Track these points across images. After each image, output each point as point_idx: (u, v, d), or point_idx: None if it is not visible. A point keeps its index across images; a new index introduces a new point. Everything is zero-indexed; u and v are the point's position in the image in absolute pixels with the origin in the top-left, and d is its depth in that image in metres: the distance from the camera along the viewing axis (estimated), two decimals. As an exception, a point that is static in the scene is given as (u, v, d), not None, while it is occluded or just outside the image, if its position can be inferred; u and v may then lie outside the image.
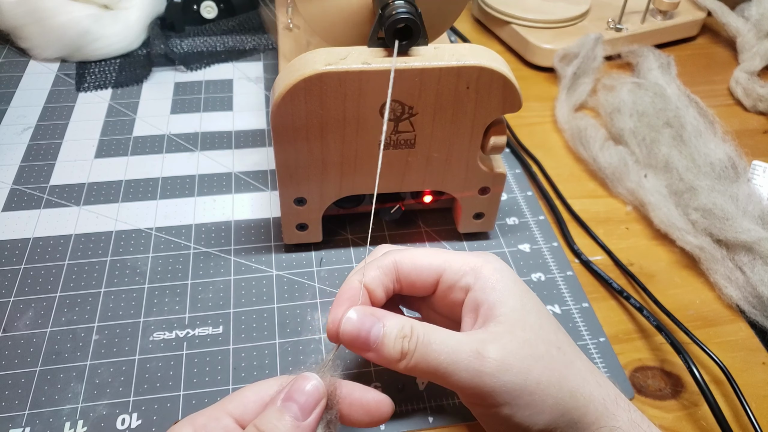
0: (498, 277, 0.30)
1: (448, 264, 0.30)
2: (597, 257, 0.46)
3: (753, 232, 0.43)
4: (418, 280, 0.31)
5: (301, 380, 0.27)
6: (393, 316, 0.28)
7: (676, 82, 0.57)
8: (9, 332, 0.39)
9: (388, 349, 0.28)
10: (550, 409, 0.27)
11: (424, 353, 0.27)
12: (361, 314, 0.28)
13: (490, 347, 0.27)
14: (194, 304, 0.41)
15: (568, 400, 0.27)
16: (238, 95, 0.59)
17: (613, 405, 0.28)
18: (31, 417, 0.35)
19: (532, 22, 0.65)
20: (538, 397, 0.27)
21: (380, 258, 0.31)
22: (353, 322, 0.28)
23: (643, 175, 0.49)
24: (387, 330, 0.28)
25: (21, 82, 0.59)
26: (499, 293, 0.29)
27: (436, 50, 0.35)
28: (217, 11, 0.65)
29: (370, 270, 0.30)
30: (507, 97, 0.36)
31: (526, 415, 0.27)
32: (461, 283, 0.30)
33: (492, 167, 0.41)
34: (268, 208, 0.48)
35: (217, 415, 0.27)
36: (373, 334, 0.28)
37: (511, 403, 0.27)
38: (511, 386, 0.27)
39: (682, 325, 0.40)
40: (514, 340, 0.28)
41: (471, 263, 0.30)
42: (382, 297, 0.31)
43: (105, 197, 0.48)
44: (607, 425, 0.28)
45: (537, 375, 0.27)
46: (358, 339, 0.28)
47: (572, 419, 0.28)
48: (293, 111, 0.35)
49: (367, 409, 0.29)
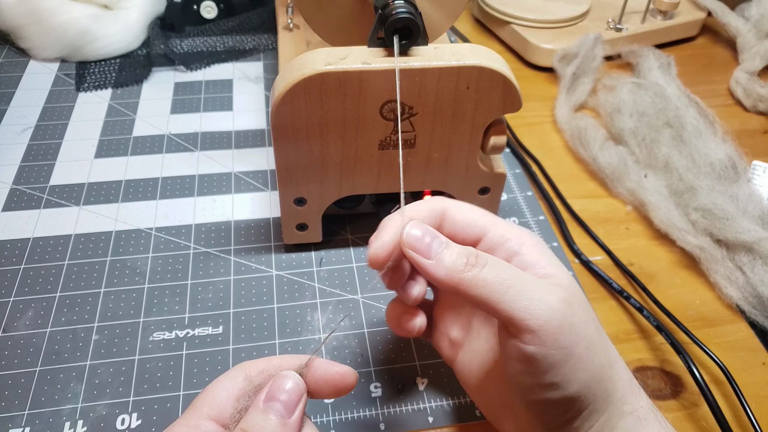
0: (543, 248, 0.30)
1: (493, 225, 0.30)
2: (597, 257, 0.46)
3: (753, 232, 0.43)
4: (461, 232, 0.30)
5: (281, 379, 0.27)
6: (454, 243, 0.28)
7: (676, 82, 0.57)
8: (9, 332, 0.39)
9: (452, 257, 0.27)
10: (595, 370, 0.27)
11: (497, 271, 0.26)
12: (424, 228, 0.28)
13: (560, 290, 0.27)
14: (194, 304, 0.41)
15: (607, 369, 0.27)
16: (238, 95, 0.59)
17: (637, 387, 0.29)
18: (31, 417, 0.35)
19: (532, 22, 0.65)
20: (589, 353, 0.27)
21: (431, 200, 0.31)
22: (416, 232, 0.28)
23: (643, 175, 0.49)
24: (449, 245, 0.27)
25: (21, 82, 0.59)
26: (548, 258, 0.29)
27: (436, 50, 0.35)
28: (217, 11, 0.65)
29: (420, 208, 0.30)
30: (507, 97, 0.36)
31: (574, 368, 0.26)
32: (505, 246, 0.30)
33: (492, 167, 0.41)
34: (268, 208, 0.48)
35: (196, 423, 0.27)
36: (435, 244, 0.27)
37: (567, 349, 0.26)
38: (575, 331, 0.26)
39: (682, 325, 0.40)
40: (576, 293, 0.28)
41: (515, 231, 0.30)
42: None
43: (105, 197, 0.48)
44: (631, 403, 0.28)
45: (592, 333, 0.27)
46: (421, 242, 0.27)
47: (606, 389, 0.27)
48: (293, 111, 0.35)
49: (332, 383, 0.29)
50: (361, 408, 0.36)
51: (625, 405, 0.28)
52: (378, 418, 0.35)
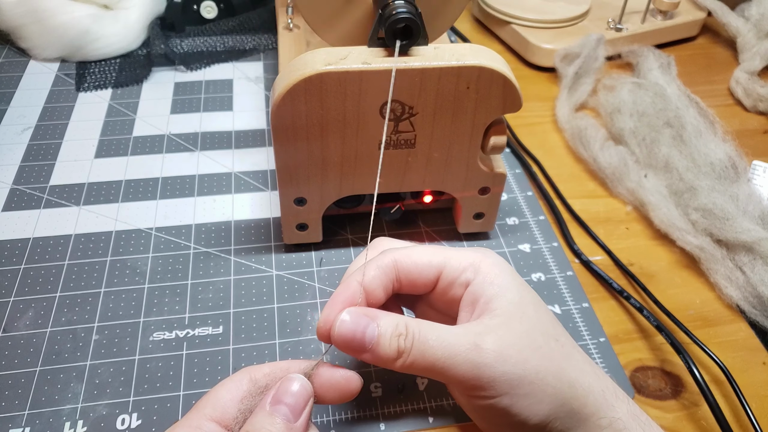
0: (497, 272, 0.30)
1: (447, 261, 0.30)
2: (597, 257, 0.46)
3: (753, 232, 0.42)
4: (418, 278, 0.31)
5: (287, 382, 0.27)
6: (387, 315, 0.28)
7: (677, 82, 0.57)
8: (9, 332, 0.39)
9: (384, 348, 0.28)
10: (550, 398, 0.27)
11: (422, 350, 0.27)
12: (354, 315, 0.28)
13: (487, 338, 0.27)
14: (194, 304, 0.41)
15: (567, 390, 0.28)
16: (238, 95, 0.59)
17: (612, 397, 0.28)
18: (31, 417, 0.35)
19: (532, 22, 0.65)
20: (537, 386, 0.27)
21: (379, 257, 0.31)
22: (347, 324, 0.28)
23: (643, 175, 0.49)
24: (382, 330, 0.28)
25: (21, 82, 0.59)
26: (497, 287, 0.29)
27: (436, 50, 0.35)
28: (217, 11, 0.65)
29: (369, 270, 0.30)
30: (507, 97, 0.36)
31: (526, 405, 0.27)
32: (461, 279, 0.30)
33: (492, 167, 0.41)
34: (268, 208, 0.48)
35: (198, 423, 0.27)
36: (368, 335, 0.28)
37: (510, 393, 0.27)
38: (510, 376, 0.27)
39: (682, 325, 0.40)
40: (510, 331, 0.28)
41: (470, 258, 0.30)
42: (381, 297, 0.30)
43: (105, 197, 0.48)
44: (606, 416, 0.28)
45: (535, 365, 0.27)
46: (353, 341, 0.28)
47: (572, 409, 0.28)
48: (293, 111, 0.35)
49: (337, 387, 0.29)
50: (361, 408, 0.36)
51: (601, 419, 0.28)
52: (378, 418, 0.35)
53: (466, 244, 0.46)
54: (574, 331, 0.40)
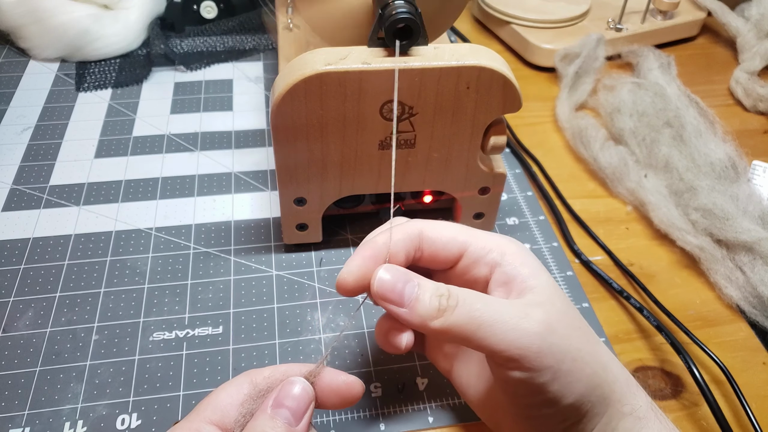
0: (525, 255, 0.30)
1: (474, 239, 0.30)
2: (597, 257, 0.46)
3: (753, 232, 0.42)
4: (441, 251, 0.30)
5: (288, 385, 0.27)
6: (425, 278, 0.28)
7: (677, 82, 0.57)
8: (9, 332, 0.39)
9: (425, 304, 0.27)
10: (587, 379, 0.27)
11: (467, 311, 0.26)
12: (393, 272, 0.27)
13: (536, 310, 0.27)
14: (194, 304, 0.41)
15: (601, 374, 0.27)
16: (238, 95, 0.59)
17: (635, 386, 0.29)
18: (31, 417, 0.35)
19: (532, 22, 0.65)
20: (578, 365, 0.27)
21: (406, 224, 0.30)
22: (386, 280, 0.27)
23: (643, 175, 0.49)
24: (422, 288, 0.27)
25: (21, 82, 0.59)
26: (530, 268, 0.29)
27: (436, 50, 0.35)
28: (217, 11, 0.65)
29: (395, 233, 0.29)
30: (507, 97, 0.36)
31: (565, 382, 0.26)
32: (486, 258, 0.30)
33: (492, 167, 0.41)
34: (268, 208, 0.48)
35: (198, 426, 0.26)
36: (408, 291, 0.27)
37: (554, 367, 0.26)
38: (557, 349, 0.26)
39: (682, 325, 0.40)
40: (555, 308, 0.28)
41: (496, 241, 0.30)
42: (402, 261, 0.30)
43: (105, 197, 0.48)
44: (629, 403, 0.28)
45: (578, 343, 0.27)
46: (393, 292, 0.27)
47: (602, 394, 0.27)
48: (293, 111, 0.35)
49: (338, 393, 0.29)
50: (361, 408, 0.36)
51: (624, 406, 0.28)
52: (378, 418, 0.35)
53: (466, 244, 0.46)
54: (574, 331, 0.40)
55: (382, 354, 0.39)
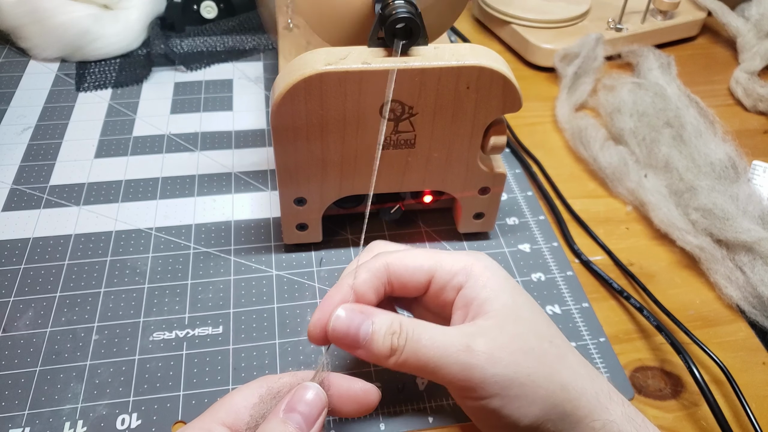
0: (489, 275, 0.30)
1: (439, 265, 0.30)
2: (597, 257, 0.46)
3: (753, 232, 0.42)
4: (410, 281, 0.31)
5: (302, 390, 0.27)
6: (382, 313, 0.29)
7: (677, 82, 0.57)
8: (9, 332, 0.39)
9: (378, 345, 0.28)
10: (541, 401, 0.27)
11: (414, 348, 0.27)
12: (350, 311, 0.28)
13: (479, 340, 0.27)
14: (194, 304, 0.41)
15: (559, 393, 0.28)
16: (238, 95, 0.59)
17: (606, 399, 0.28)
18: (31, 417, 0.35)
19: (532, 22, 0.65)
20: (529, 389, 0.27)
21: (371, 261, 0.31)
22: (342, 320, 0.28)
23: (643, 175, 0.49)
24: (376, 327, 0.28)
25: (21, 82, 0.59)
26: (489, 290, 0.29)
27: (436, 50, 0.35)
28: (217, 11, 0.65)
29: (361, 273, 0.30)
30: (507, 97, 0.36)
31: (516, 407, 0.27)
32: (453, 282, 0.30)
33: (492, 167, 0.41)
34: (268, 208, 0.48)
35: (210, 427, 0.27)
36: (363, 331, 0.28)
37: (501, 395, 0.27)
38: (501, 378, 0.27)
39: (682, 325, 0.40)
40: (503, 333, 0.28)
41: (462, 262, 0.30)
42: (372, 300, 0.31)
43: (105, 197, 0.48)
44: (600, 418, 0.28)
45: (527, 367, 0.27)
46: (347, 336, 0.28)
47: (564, 412, 0.28)
48: (293, 111, 0.35)
49: (355, 399, 0.29)
50: (361, 408, 0.36)
51: (595, 421, 0.28)
52: (378, 418, 0.35)
53: (466, 245, 0.46)
54: (574, 331, 0.40)
55: (382, 354, 0.39)
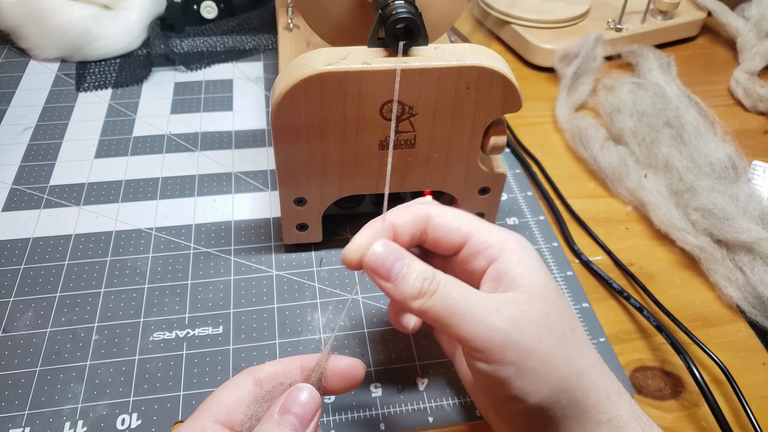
0: (525, 254, 0.30)
1: (477, 231, 0.30)
2: (597, 257, 0.46)
3: (753, 233, 0.43)
4: (444, 238, 0.31)
5: (296, 391, 0.27)
6: (416, 259, 0.29)
7: (676, 82, 0.57)
8: (9, 332, 0.39)
9: (409, 284, 0.28)
10: (554, 381, 0.27)
11: (443, 297, 0.27)
12: (387, 248, 0.28)
13: (508, 307, 0.27)
14: (194, 304, 0.41)
15: (573, 379, 0.27)
16: (238, 95, 0.59)
17: (615, 395, 0.29)
18: (31, 417, 0.35)
19: (532, 22, 0.65)
20: (546, 366, 0.27)
21: (416, 206, 0.31)
22: (379, 253, 0.28)
23: (643, 175, 0.49)
24: (410, 267, 0.28)
25: (21, 82, 0.59)
26: (523, 267, 0.29)
27: (436, 50, 0.35)
28: (217, 11, 0.65)
29: (404, 214, 0.31)
30: (507, 97, 0.36)
31: (529, 381, 0.27)
32: (486, 252, 0.30)
33: (492, 167, 0.41)
34: (268, 208, 0.48)
35: (202, 425, 0.27)
36: (396, 268, 0.28)
37: (517, 364, 0.27)
38: (522, 347, 0.27)
39: (682, 325, 0.40)
40: (532, 309, 0.28)
41: (499, 236, 0.30)
42: (407, 242, 0.31)
43: (105, 197, 0.48)
44: (608, 411, 0.28)
45: (549, 345, 0.27)
46: (382, 267, 0.28)
47: (574, 398, 0.28)
48: (293, 111, 0.35)
49: (342, 375, 0.29)
50: (361, 408, 0.36)
51: (601, 414, 0.28)
52: (378, 418, 0.35)
53: (466, 244, 0.46)
54: (574, 331, 0.40)
55: (382, 354, 0.39)
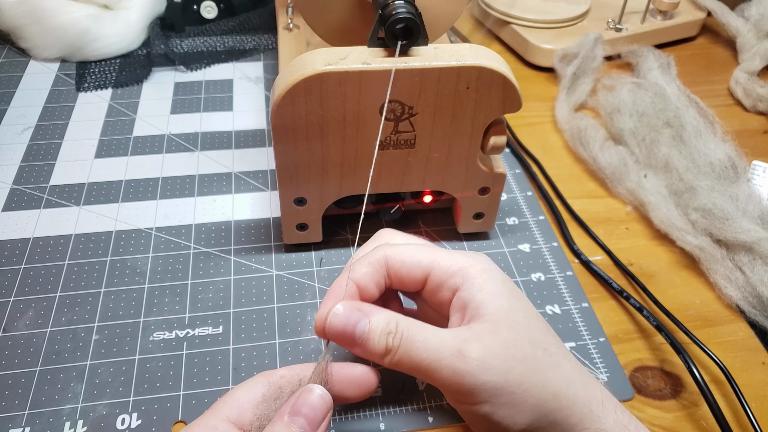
0: (486, 278, 0.30)
1: (436, 263, 0.30)
2: (597, 257, 0.46)
3: (753, 232, 0.43)
4: (406, 277, 0.31)
5: (307, 392, 0.27)
6: (379, 311, 0.29)
7: (676, 82, 0.57)
8: (9, 332, 0.39)
9: (373, 344, 0.28)
10: (531, 409, 0.27)
11: (408, 350, 0.28)
12: (348, 309, 0.29)
13: (472, 346, 0.27)
14: (194, 304, 0.41)
15: (551, 402, 0.28)
16: (238, 95, 0.59)
17: (598, 408, 0.28)
18: (31, 417, 0.35)
19: (532, 22, 0.65)
20: (519, 396, 0.27)
21: (371, 253, 0.31)
22: (339, 317, 0.28)
23: (643, 175, 0.49)
24: (372, 326, 0.28)
25: (21, 82, 0.59)
26: (485, 293, 0.29)
27: (436, 50, 0.35)
28: (217, 11, 0.65)
29: (361, 266, 0.30)
30: (507, 97, 0.36)
31: (506, 414, 0.27)
32: (449, 283, 0.30)
33: (492, 167, 0.41)
34: (268, 208, 0.48)
35: (214, 423, 0.27)
36: (359, 329, 0.28)
37: (491, 401, 0.27)
38: (491, 385, 0.27)
39: (682, 325, 0.40)
40: (497, 339, 0.28)
41: (459, 263, 0.30)
42: (374, 293, 0.31)
43: (105, 197, 0.48)
44: (591, 427, 0.28)
45: (518, 375, 0.27)
46: (344, 333, 0.28)
47: (555, 420, 0.28)
48: (293, 111, 0.35)
49: (357, 383, 0.30)
50: (361, 408, 0.36)
51: (585, 430, 0.28)
52: (378, 418, 0.35)
53: (465, 245, 0.46)
54: (573, 331, 0.40)
55: (382, 354, 0.39)
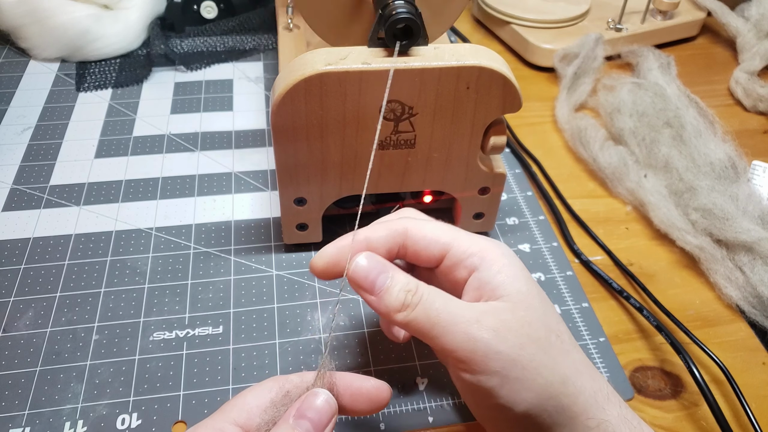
0: (505, 262, 0.30)
1: (456, 242, 0.30)
2: (597, 257, 0.46)
3: (753, 232, 0.43)
4: (424, 251, 0.31)
5: (312, 396, 0.27)
6: (400, 271, 0.29)
7: (676, 82, 0.57)
8: (9, 332, 0.39)
9: (392, 297, 0.28)
10: (539, 388, 0.27)
11: (426, 309, 0.28)
12: (371, 260, 0.29)
13: (490, 317, 0.27)
14: (194, 304, 0.41)
15: (558, 386, 0.28)
16: (238, 95, 0.59)
17: (604, 399, 0.28)
18: (31, 417, 0.35)
19: (532, 22, 0.65)
20: (529, 374, 0.27)
21: (393, 221, 0.31)
22: (362, 267, 0.29)
23: (643, 175, 0.49)
24: (394, 281, 0.28)
25: (21, 82, 0.59)
26: (504, 276, 0.29)
27: (436, 50, 0.35)
28: (217, 11, 0.65)
29: (380, 229, 0.31)
30: (507, 97, 0.36)
31: (513, 389, 0.27)
32: (466, 263, 0.30)
33: (492, 167, 0.41)
34: (268, 208, 0.48)
35: (221, 426, 0.27)
36: (380, 281, 0.28)
37: (500, 373, 0.27)
38: (504, 356, 0.27)
39: (682, 325, 0.40)
40: (514, 317, 0.28)
41: (479, 245, 0.30)
42: (383, 256, 0.31)
43: (105, 197, 0.48)
44: (596, 417, 0.28)
45: (531, 353, 0.27)
46: (365, 280, 0.28)
47: (560, 405, 0.28)
48: (293, 111, 0.35)
49: (369, 397, 0.29)
50: (361, 408, 0.36)
51: (589, 419, 0.28)
52: (378, 418, 0.35)
53: (466, 244, 0.46)
54: (573, 331, 0.40)
55: (382, 354, 0.39)
